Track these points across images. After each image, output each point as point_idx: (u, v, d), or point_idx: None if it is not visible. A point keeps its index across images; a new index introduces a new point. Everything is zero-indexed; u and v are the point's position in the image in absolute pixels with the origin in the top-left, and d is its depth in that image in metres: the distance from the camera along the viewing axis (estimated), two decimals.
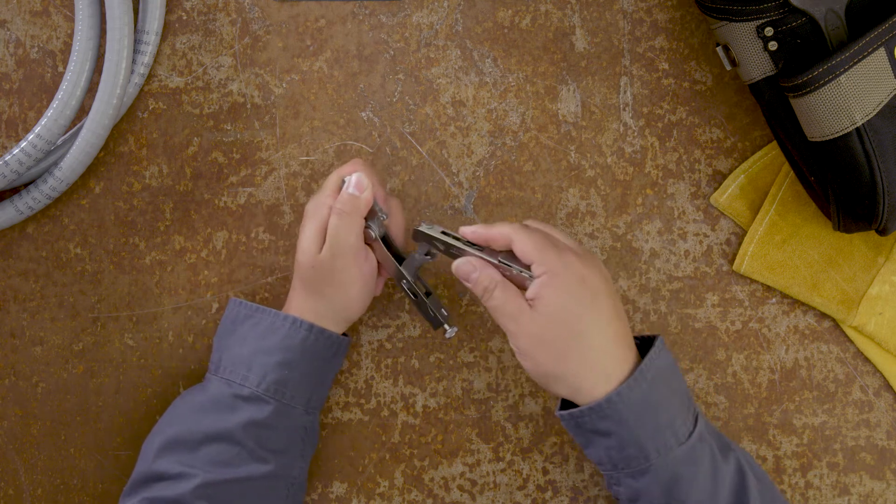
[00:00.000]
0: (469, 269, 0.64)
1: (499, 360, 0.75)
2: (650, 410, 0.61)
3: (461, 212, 0.75)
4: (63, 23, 0.75)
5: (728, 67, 0.68)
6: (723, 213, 0.75)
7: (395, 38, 0.75)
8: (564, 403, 0.65)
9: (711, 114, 0.75)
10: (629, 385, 0.61)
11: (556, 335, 0.61)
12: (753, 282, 0.75)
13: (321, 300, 0.68)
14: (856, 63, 0.62)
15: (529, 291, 0.62)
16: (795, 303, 0.75)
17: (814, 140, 0.65)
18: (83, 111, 0.73)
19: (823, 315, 0.75)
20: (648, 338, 0.65)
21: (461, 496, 0.75)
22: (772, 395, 0.75)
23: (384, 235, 0.69)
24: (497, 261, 0.64)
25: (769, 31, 0.64)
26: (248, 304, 0.69)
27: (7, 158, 0.70)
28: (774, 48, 0.64)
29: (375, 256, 0.69)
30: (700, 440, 0.62)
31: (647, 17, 0.75)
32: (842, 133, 0.63)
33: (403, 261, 0.69)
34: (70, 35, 0.75)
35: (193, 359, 0.75)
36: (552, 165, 0.75)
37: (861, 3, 0.63)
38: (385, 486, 0.75)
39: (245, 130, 0.75)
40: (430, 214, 0.75)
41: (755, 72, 0.66)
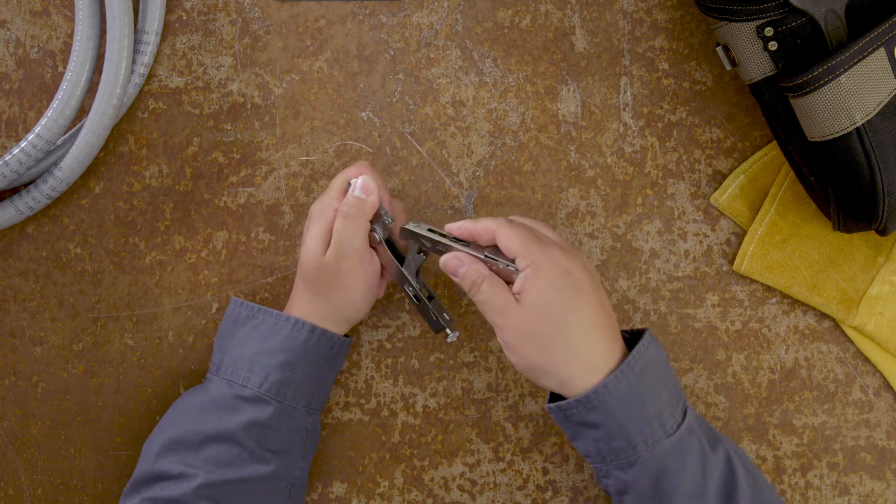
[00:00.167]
0: (456, 264, 0.65)
1: (499, 360, 0.75)
2: (638, 402, 0.62)
3: (461, 212, 0.75)
4: (63, 23, 0.75)
5: (728, 67, 0.68)
6: (723, 213, 0.75)
7: (395, 38, 0.75)
8: (553, 396, 0.66)
9: (711, 114, 0.75)
10: (616, 377, 0.61)
11: (541, 328, 0.62)
12: (753, 282, 0.75)
13: (325, 302, 0.68)
14: (856, 63, 0.62)
15: (515, 285, 0.62)
16: (795, 303, 0.75)
17: (814, 140, 0.65)
18: (83, 111, 0.73)
19: (823, 315, 0.75)
20: (638, 331, 0.66)
21: (461, 496, 0.75)
22: (772, 395, 0.75)
23: (388, 238, 0.69)
24: (484, 256, 0.64)
25: (769, 31, 0.64)
26: (250, 305, 0.69)
27: (7, 158, 0.70)
28: (774, 48, 0.64)
29: (379, 259, 0.69)
30: (689, 432, 0.63)
31: (647, 17, 0.75)
32: (842, 133, 0.63)
33: (404, 263, 0.69)
34: (70, 35, 0.75)
35: (193, 359, 0.75)
36: (552, 165, 0.75)
37: (861, 3, 0.63)
38: (385, 486, 0.75)
39: (245, 130, 0.75)
40: (430, 214, 0.75)
41: (755, 72, 0.66)
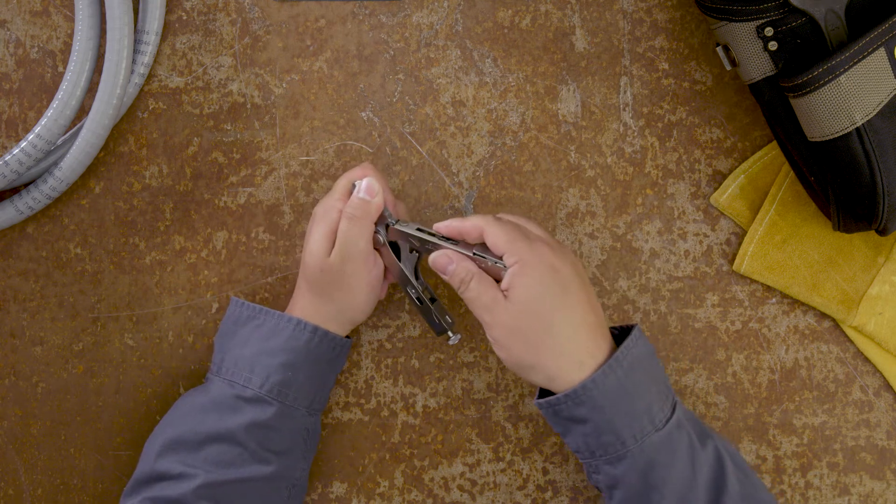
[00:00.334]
0: (446, 262, 0.65)
1: (499, 360, 0.75)
2: (626, 397, 0.62)
3: (461, 212, 0.75)
4: (63, 23, 0.75)
5: (728, 67, 0.68)
6: (723, 213, 0.75)
7: (395, 38, 0.75)
8: (542, 393, 0.66)
9: (711, 114, 0.75)
10: (604, 372, 0.62)
11: (529, 325, 0.62)
12: (753, 282, 0.75)
13: (328, 303, 0.68)
14: (856, 63, 0.62)
15: (503, 282, 0.63)
16: (795, 303, 0.75)
17: (814, 140, 0.65)
18: (83, 111, 0.73)
19: (823, 315, 0.75)
20: (627, 328, 0.66)
21: (461, 496, 0.75)
22: (772, 395, 0.75)
23: (393, 241, 0.69)
24: (472, 253, 0.65)
25: (769, 31, 0.64)
26: (251, 305, 0.69)
27: (7, 158, 0.70)
28: (774, 48, 0.64)
29: (382, 261, 0.69)
30: (677, 427, 0.63)
31: (647, 17, 0.75)
32: (842, 133, 0.63)
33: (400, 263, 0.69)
34: (70, 35, 0.75)
35: (193, 359, 0.75)
36: (552, 165, 0.75)
37: (861, 3, 0.63)
38: (385, 486, 0.75)
39: (245, 130, 0.75)
40: (430, 214, 0.75)
41: (755, 72, 0.66)
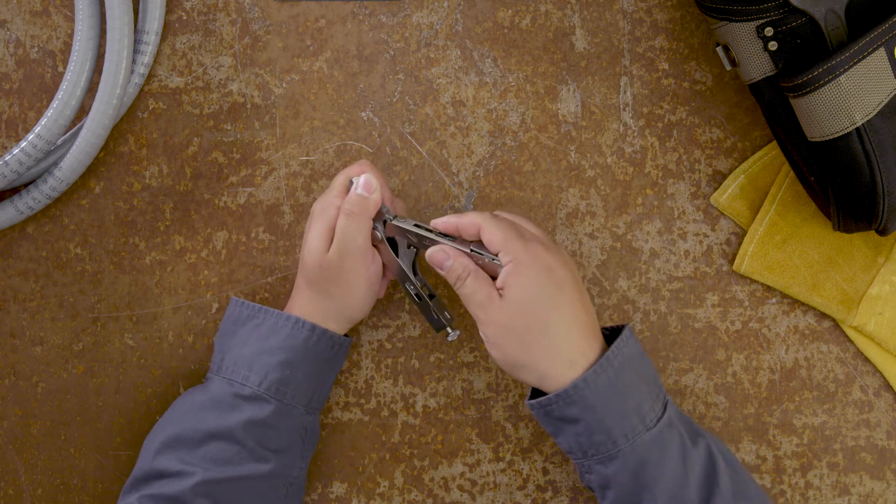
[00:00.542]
0: (443, 258, 0.65)
1: None
2: (617, 396, 0.62)
3: (461, 212, 0.75)
4: (63, 23, 0.75)
5: (728, 67, 0.68)
6: (723, 213, 0.75)
7: (395, 38, 0.75)
8: (534, 395, 0.66)
9: (711, 114, 0.75)
10: (595, 371, 0.62)
11: (523, 324, 0.62)
12: (753, 282, 0.75)
13: (327, 300, 0.68)
14: (856, 63, 0.62)
15: (498, 280, 0.63)
16: (795, 303, 0.75)
17: (814, 140, 0.65)
18: (83, 111, 0.73)
19: (823, 315, 0.75)
20: (618, 328, 0.66)
21: (461, 496, 0.75)
22: (772, 395, 0.75)
23: (390, 237, 0.69)
24: (470, 250, 0.65)
25: (769, 31, 0.64)
26: (250, 305, 0.69)
27: (7, 158, 0.70)
28: (774, 48, 0.64)
29: (381, 258, 0.69)
30: (669, 426, 0.63)
31: (647, 17, 0.75)
32: (842, 133, 0.63)
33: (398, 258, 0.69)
34: (70, 35, 0.75)
35: (193, 359, 0.75)
36: (552, 165, 0.75)
37: (861, 3, 0.63)
38: (385, 486, 0.75)
39: (245, 130, 0.75)
40: (430, 214, 0.75)
41: (755, 72, 0.66)
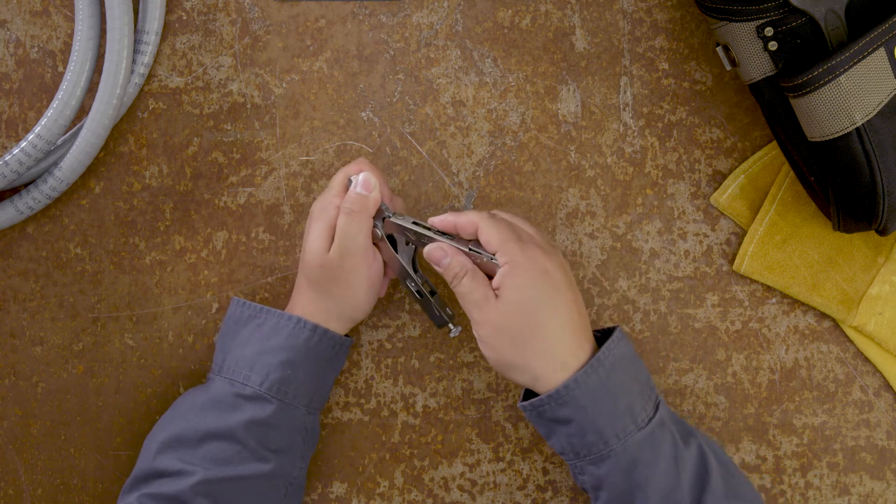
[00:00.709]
0: (440, 255, 0.66)
1: None
2: (608, 396, 0.62)
3: (459, 211, 0.75)
4: (63, 23, 0.75)
5: (728, 67, 0.68)
6: (723, 213, 0.75)
7: (395, 38, 0.75)
8: (527, 396, 0.66)
9: (711, 114, 0.75)
10: (586, 372, 0.62)
11: (517, 325, 0.62)
12: (753, 282, 0.75)
13: (328, 300, 0.68)
14: (856, 63, 0.62)
15: (494, 281, 0.64)
16: (795, 303, 0.75)
17: (814, 140, 0.65)
18: (83, 111, 0.73)
19: (823, 315, 0.75)
20: (609, 330, 0.67)
21: (461, 496, 0.75)
22: (772, 395, 0.75)
23: (390, 234, 0.69)
24: (468, 248, 0.65)
25: (769, 31, 0.64)
26: (251, 305, 0.69)
27: (7, 158, 0.70)
28: (774, 48, 0.64)
29: (381, 256, 0.69)
30: (660, 426, 0.63)
31: (647, 17, 0.75)
32: (842, 133, 0.63)
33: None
34: (70, 35, 0.75)
35: (193, 359, 0.75)
36: (552, 165, 0.75)
37: (861, 3, 0.63)
38: (385, 486, 0.75)
39: (245, 130, 0.75)
40: (431, 214, 0.75)
41: (755, 72, 0.66)
